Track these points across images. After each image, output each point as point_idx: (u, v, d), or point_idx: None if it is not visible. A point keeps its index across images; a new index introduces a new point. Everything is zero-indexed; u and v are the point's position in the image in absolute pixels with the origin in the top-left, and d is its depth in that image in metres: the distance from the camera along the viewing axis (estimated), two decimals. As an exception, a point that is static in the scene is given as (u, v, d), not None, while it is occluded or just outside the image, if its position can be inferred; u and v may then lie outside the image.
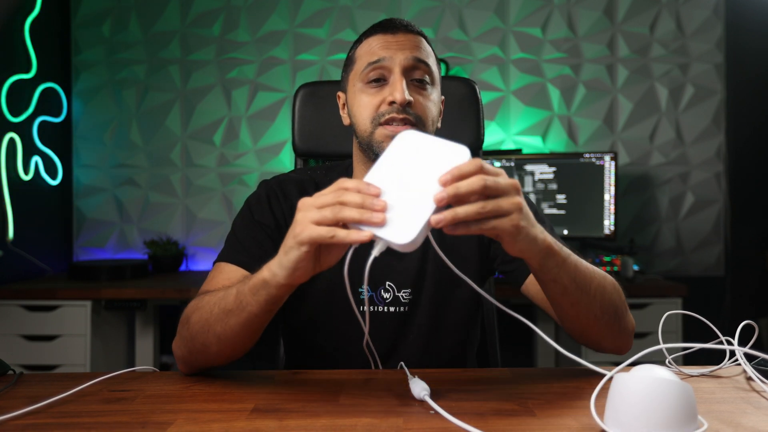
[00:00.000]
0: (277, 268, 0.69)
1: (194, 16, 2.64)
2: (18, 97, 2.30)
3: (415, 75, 0.93)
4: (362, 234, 0.63)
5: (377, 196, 0.64)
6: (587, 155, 2.35)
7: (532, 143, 2.64)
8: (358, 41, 0.98)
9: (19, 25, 2.32)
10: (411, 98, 0.90)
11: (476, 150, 1.23)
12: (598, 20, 2.63)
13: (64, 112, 2.59)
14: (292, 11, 2.64)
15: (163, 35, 2.64)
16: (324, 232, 0.64)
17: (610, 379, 0.64)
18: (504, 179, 0.65)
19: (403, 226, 0.62)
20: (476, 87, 1.22)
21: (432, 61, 0.96)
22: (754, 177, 2.64)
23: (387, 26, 0.95)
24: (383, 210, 0.63)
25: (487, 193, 0.63)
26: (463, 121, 1.21)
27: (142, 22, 2.64)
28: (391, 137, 0.89)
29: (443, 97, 1.02)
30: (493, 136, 2.64)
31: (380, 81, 0.93)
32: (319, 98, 1.23)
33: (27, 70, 2.35)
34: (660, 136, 2.63)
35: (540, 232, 0.70)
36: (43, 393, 0.74)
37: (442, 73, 1.10)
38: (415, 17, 2.63)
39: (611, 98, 2.64)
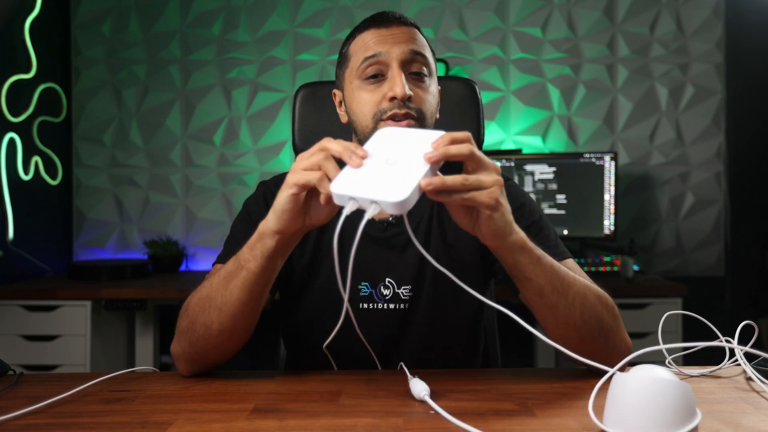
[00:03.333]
0: (269, 215, 0.74)
1: (194, 16, 2.64)
2: (18, 97, 2.30)
3: (413, 68, 0.92)
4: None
5: (363, 150, 0.68)
6: (587, 155, 2.35)
7: (532, 143, 2.64)
8: (351, 36, 0.97)
9: (19, 25, 2.32)
10: (411, 92, 0.90)
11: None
12: (598, 20, 2.63)
13: (64, 112, 2.59)
14: (292, 11, 2.64)
15: (163, 35, 2.64)
16: (311, 175, 0.68)
17: (610, 378, 0.64)
18: (487, 158, 0.69)
19: (396, 186, 0.64)
20: (476, 87, 1.22)
21: (428, 53, 0.95)
22: (754, 177, 2.64)
23: (380, 20, 0.94)
24: (363, 156, 0.67)
25: (472, 161, 0.67)
26: (463, 121, 1.21)
27: (142, 22, 2.64)
28: None
29: (439, 88, 1.01)
30: (493, 136, 2.64)
31: (378, 76, 0.92)
32: (319, 98, 1.23)
33: (27, 70, 2.35)
34: (660, 136, 2.63)
35: (515, 225, 0.73)
36: (43, 393, 0.74)
37: (442, 73, 1.09)
38: (415, 17, 2.63)
39: (611, 98, 2.64)
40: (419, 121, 0.91)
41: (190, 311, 0.82)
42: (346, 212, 0.65)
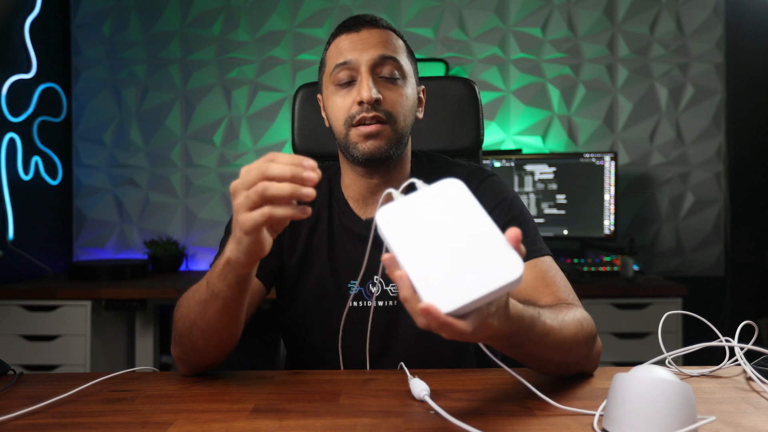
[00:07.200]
0: (237, 253, 0.69)
1: (194, 16, 2.64)
2: (18, 97, 2.30)
3: (384, 72, 0.92)
4: (302, 209, 0.61)
5: (312, 169, 0.61)
6: (587, 155, 2.35)
7: (532, 143, 2.64)
8: (327, 43, 0.98)
9: (19, 25, 2.32)
10: (379, 95, 0.90)
11: (476, 150, 1.23)
12: (598, 20, 2.63)
13: (64, 112, 2.59)
14: (292, 11, 2.64)
15: (163, 35, 2.64)
16: (259, 217, 0.63)
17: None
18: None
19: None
20: (476, 87, 1.22)
21: (402, 55, 0.95)
22: (754, 177, 2.64)
23: (351, 25, 0.95)
24: (313, 182, 0.61)
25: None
26: (462, 121, 1.21)
27: (142, 22, 2.64)
28: (365, 137, 0.91)
29: (422, 87, 1.02)
30: (493, 136, 2.64)
31: (350, 83, 0.93)
32: (319, 98, 1.23)
33: (27, 70, 2.35)
34: (660, 136, 2.63)
35: (500, 325, 0.59)
36: (43, 393, 0.74)
37: (442, 73, 1.09)
38: (415, 17, 2.63)
39: (611, 98, 2.64)
40: (390, 123, 0.91)
41: (178, 326, 0.82)
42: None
